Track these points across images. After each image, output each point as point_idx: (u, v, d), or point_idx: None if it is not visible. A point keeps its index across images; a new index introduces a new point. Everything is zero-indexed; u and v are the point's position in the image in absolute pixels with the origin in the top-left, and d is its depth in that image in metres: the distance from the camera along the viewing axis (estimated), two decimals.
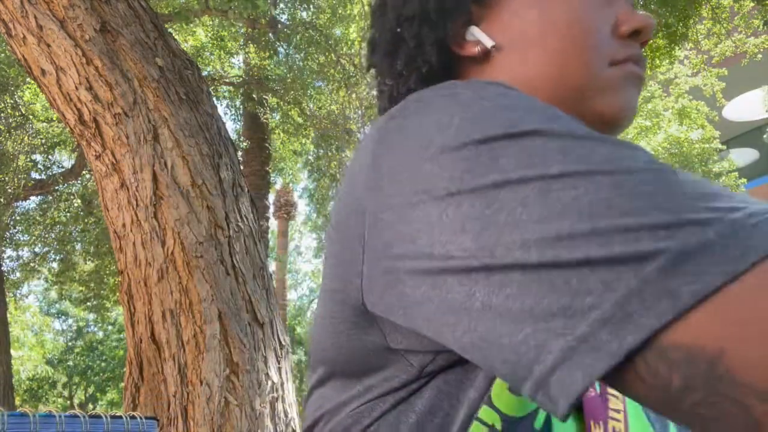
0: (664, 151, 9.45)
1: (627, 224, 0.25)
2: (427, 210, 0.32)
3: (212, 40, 7.53)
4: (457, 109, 0.34)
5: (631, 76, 0.47)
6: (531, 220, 0.28)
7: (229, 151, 2.54)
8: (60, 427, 1.23)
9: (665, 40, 5.40)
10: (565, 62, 0.46)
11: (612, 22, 0.48)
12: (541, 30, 0.47)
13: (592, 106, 0.47)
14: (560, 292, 0.26)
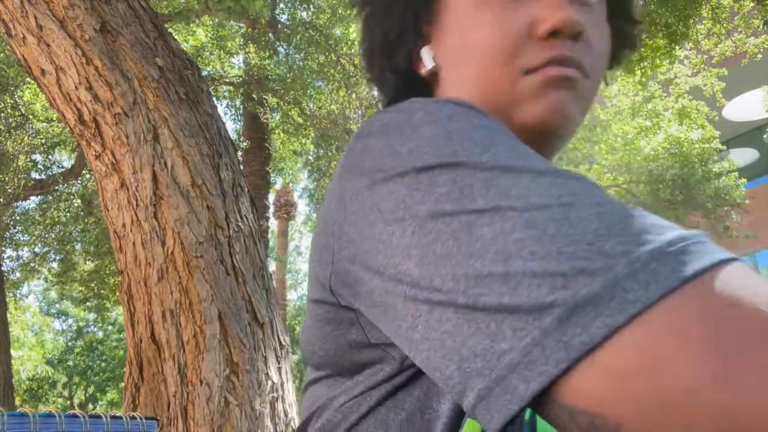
0: (664, 151, 9.45)
1: (533, 270, 0.28)
2: (380, 229, 0.35)
3: (212, 40, 7.53)
4: (406, 134, 0.37)
5: (553, 80, 0.45)
6: (460, 253, 0.30)
7: (229, 151, 2.54)
8: (60, 427, 1.23)
9: (665, 40, 5.40)
10: (481, 79, 0.47)
11: (529, 23, 0.46)
12: (463, 50, 0.48)
13: (514, 119, 0.46)
14: (482, 335, 0.28)
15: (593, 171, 10.21)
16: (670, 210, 9.38)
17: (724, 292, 0.24)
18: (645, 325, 0.24)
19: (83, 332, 19.45)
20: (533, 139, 0.45)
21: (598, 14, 0.49)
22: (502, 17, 0.46)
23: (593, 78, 0.48)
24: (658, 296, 0.25)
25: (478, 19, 0.47)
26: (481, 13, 0.47)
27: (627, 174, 9.96)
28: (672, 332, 0.24)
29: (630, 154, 9.81)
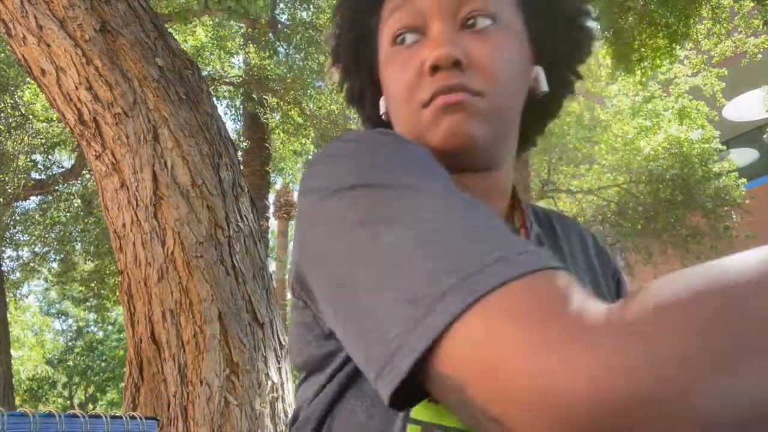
0: (664, 151, 9.45)
1: (417, 269, 0.36)
2: (321, 236, 0.44)
3: (212, 40, 7.53)
4: (343, 160, 0.47)
5: (443, 107, 0.53)
6: (371, 254, 0.39)
7: (229, 151, 2.54)
8: (60, 427, 1.23)
9: (665, 40, 5.40)
10: (399, 120, 0.57)
11: (420, 64, 0.54)
12: (389, 96, 0.59)
13: (427, 144, 0.54)
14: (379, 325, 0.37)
15: (593, 171, 10.21)
16: (670, 210, 9.38)
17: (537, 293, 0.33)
18: (482, 309, 0.33)
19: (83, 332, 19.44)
20: (446, 158, 0.54)
21: (496, 32, 0.55)
22: (403, 65, 0.56)
23: (493, 90, 0.54)
24: (490, 288, 0.33)
25: (390, 70, 0.58)
26: (392, 65, 0.58)
27: (627, 174, 9.96)
28: (501, 317, 0.32)
29: (630, 154, 9.81)
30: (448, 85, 0.53)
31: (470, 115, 0.53)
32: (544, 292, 0.32)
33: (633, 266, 11.01)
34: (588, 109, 10.92)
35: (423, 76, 0.54)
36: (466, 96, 0.53)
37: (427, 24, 0.55)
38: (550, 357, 0.29)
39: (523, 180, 8.53)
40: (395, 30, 0.56)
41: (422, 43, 0.55)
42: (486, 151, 0.56)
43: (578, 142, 10.29)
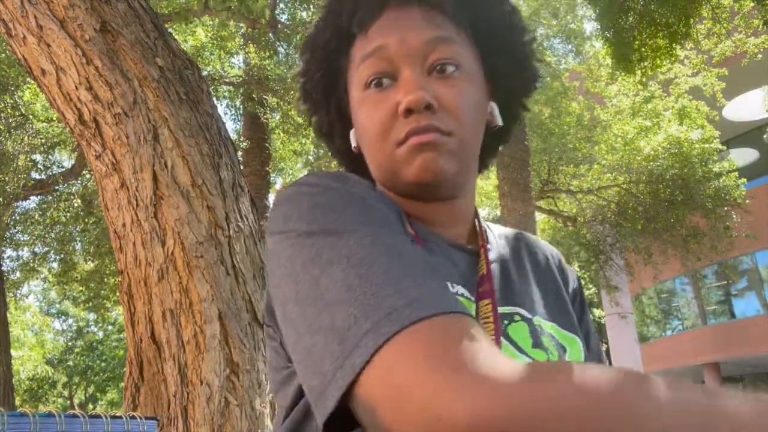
0: (664, 151, 9.44)
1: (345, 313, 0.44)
2: (277, 273, 0.52)
3: (212, 40, 7.52)
4: (294, 204, 0.55)
5: (416, 146, 0.59)
6: (310, 295, 0.47)
7: (229, 151, 2.54)
8: (60, 427, 1.23)
9: (665, 40, 5.40)
10: (373, 155, 0.63)
11: (394, 106, 0.60)
12: (361, 133, 0.65)
13: (399, 179, 0.61)
14: (316, 356, 0.44)
15: (593, 171, 10.20)
16: (670, 210, 9.38)
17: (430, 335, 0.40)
18: (388, 352, 0.40)
19: (83, 332, 19.43)
20: (417, 190, 0.62)
21: (460, 77, 0.62)
22: (376, 107, 0.61)
23: (459, 130, 0.60)
24: (398, 329, 0.40)
25: (363, 110, 0.63)
26: (365, 106, 0.62)
27: (627, 174, 9.95)
28: (404, 355, 0.39)
29: (630, 154, 9.81)
30: (420, 126, 0.59)
31: (440, 153, 0.59)
32: (444, 333, 0.40)
33: (633, 266, 11.01)
34: (588, 109, 10.92)
35: (397, 117, 0.59)
36: (437, 136, 0.59)
37: (398, 69, 0.61)
38: (443, 389, 0.36)
39: (523, 180, 8.53)
40: (368, 75, 0.61)
41: (394, 87, 0.61)
42: (453, 183, 0.63)
43: (578, 142, 10.29)
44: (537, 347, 0.60)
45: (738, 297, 15.48)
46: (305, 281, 0.48)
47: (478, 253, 0.66)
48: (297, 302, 0.48)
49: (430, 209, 0.65)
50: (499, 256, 0.68)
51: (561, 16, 12.05)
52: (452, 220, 0.67)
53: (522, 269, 0.70)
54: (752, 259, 14.67)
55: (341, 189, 0.56)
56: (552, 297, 0.69)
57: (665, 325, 17.67)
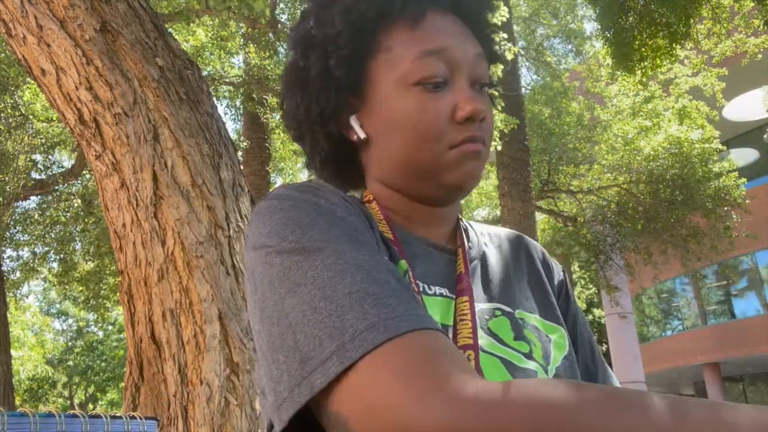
0: (664, 151, 9.44)
1: (308, 333, 0.46)
2: (249, 288, 0.54)
3: (212, 40, 7.52)
4: (266, 219, 0.55)
5: (469, 154, 0.62)
6: (275, 314, 0.49)
7: (229, 151, 2.54)
8: (60, 427, 1.23)
9: (665, 40, 5.39)
10: (415, 150, 0.62)
11: (450, 110, 0.61)
12: (396, 126, 0.63)
13: (439, 180, 0.63)
14: (276, 378, 0.47)
15: (593, 171, 10.20)
16: (670, 210, 9.38)
17: (397, 355, 0.42)
18: (354, 374, 0.42)
19: (83, 332, 19.43)
20: (447, 195, 0.65)
21: (486, 96, 0.66)
22: (427, 104, 0.61)
23: (489, 145, 0.65)
24: (363, 354, 0.42)
25: (405, 103, 0.62)
26: (406, 98, 0.62)
27: (627, 174, 9.95)
28: (372, 376, 0.42)
29: (630, 154, 9.80)
30: (477, 135, 0.62)
31: (482, 163, 0.64)
32: (409, 352, 0.42)
33: (633, 266, 11.01)
34: (588, 109, 10.92)
35: (451, 121, 0.61)
36: (483, 147, 0.63)
37: (453, 75, 0.62)
38: (410, 406, 0.39)
39: (523, 180, 8.53)
40: (427, 74, 0.61)
41: (449, 92, 0.62)
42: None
43: (578, 142, 10.28)
44: (519, 339, 0.62)
45: (738, 297, 15.48)
46: (271, 300, 0.49)
47: (455, 252, 0.68)
48: (262, 320, 0.50)
49: (424, 212, 0.67)
50: (480, 253, 0.70)
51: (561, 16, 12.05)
52: (439, 222, 0.69)
53: (503, 265, 0.72)
54: (752, 259, 14.68)
55: (310, 201, 0.56)
56: (535, 290, 0.71)
57: (665, 325, 17.67)
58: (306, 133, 0.69)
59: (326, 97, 0.65)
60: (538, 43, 12.14)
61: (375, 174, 0.69)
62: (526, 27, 12.10)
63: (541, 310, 0.69)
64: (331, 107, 0.65)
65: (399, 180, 0.66)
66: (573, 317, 0.74)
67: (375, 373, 0.42)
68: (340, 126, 0.67)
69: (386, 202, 0.67)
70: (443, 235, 0.69)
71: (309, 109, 0.67)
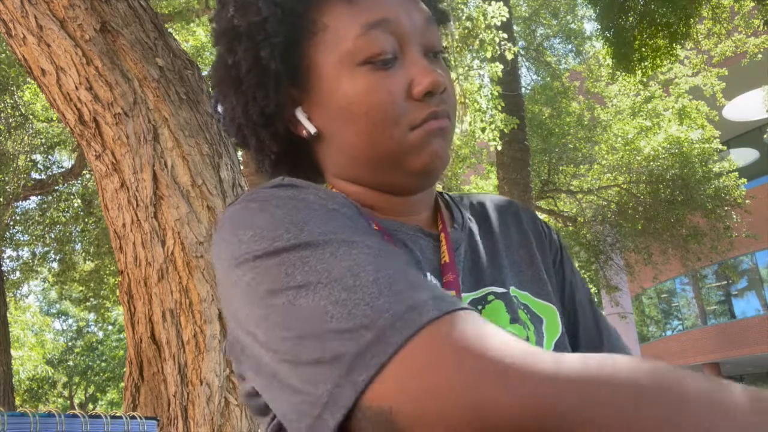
0: (664, 151, 9.44)
1: (333, 329, 0.39)
2: (241, 305, 0.46)
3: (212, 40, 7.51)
4: (246, 223, 0.48)
5: (433, 132, 0.55)
6: (287, 321, 0.42)
7: (229, 151, 2.54)
8: (60, 427, 1.23)
9: (665, 40, 5.39)
10: (372, 138, 0.55)
11: (405, 87, 0.54)
12: (348, 114, 0.55)
13: (404, 166, 0.56)
14: (305, 384, 0.40)
15: (593, 171, 10.20)
16: (670, 210, 9.37)
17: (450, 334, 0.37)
18: (401, 359, 0.37)
19: (83, 332, 19.43)
20: (415, 182, 0.58)
21: (442, 63, 0.59)
22: (378, 84, 0.54)
23: (454, 119, 0.59)
24: (408, 336, 0.37)
25: (353, 87, 0.54)
26: (354, 81, 0.54)
27: (627, 174, 9.95)
28: (420, 362, 0.37)
29: (630, 154, 9.80)
30: (440, 110, 0.56)
31: (448, 141, 0.58)
32: (462, 330, 0.38)
33: (633, 266, 11.01)
34: (588, 109, 10.92)
35: (409, 99, 0.54)
36: (448, 122, 0.57)
37: (402, 47, 0.56)
38: (483, 383, 0.35)
39: (522, 180, 8.53)
40: (373, 51, 0.54)
41: (401, 67, 0.55)
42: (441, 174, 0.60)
43: (578, 142, 10.28)
44: (515, 322, 0.58)
45: (738, 297, 15.48)
46: (276, 308, 0.42)
47: (438, 237, 0.61)
48: (268, 335, 0.43)
49: (396, 202, 0.61)
50: (466, 234, 0.64)
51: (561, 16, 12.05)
52: (416, 209, 0.62)
53: (492, 241, 0.66)
54: (752, 259, 14.68)
55: (297, 198, 0.50)
56: (525, 263, 0.66)
57: (665, 325, 17.67)
58: (249, 137, 0.61)
59: (264, 94, 0.57)
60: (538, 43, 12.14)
61: (333, 170, 0.61)
62: (526, 27, 12.10)
63: (533, 287, 0.64)
64: (271, 105, 0.57)
65: (360, 173, 0.59)
66: (571, 285, 0.69)
67: (429, 354, 0.37)
68: (286, 122, 0.60)
69: (355, 197, 0.59)
70: (424, 221, 0.62)
71: (247, 110, 0.58)
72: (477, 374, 0.35)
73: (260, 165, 0.64)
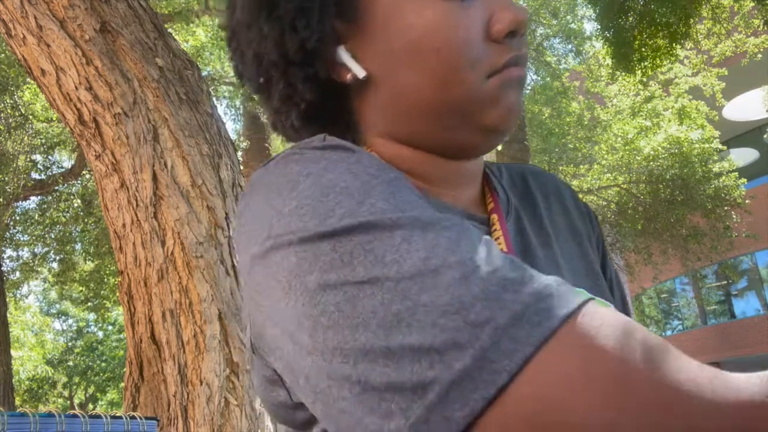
0: (664, 151, 9.44)
1: (412, 344, 0.30)
2: (279, 297, 0.36)
3: (212, 40, 7.53)
4: (286, 192, 0.37)
5: (511, 81, 0.46)
6: (345, 326, 0.32)
7: (229, 151, 2.54)
8: (60, 427, 1.23)
9: (665, 40, 5.40)
10: (441, 84, 0.45)
11: (483, 25, 0.45)
12: (412, 52, 0.45)
13: (475, 120, 0.46)
14: (374, 414, 0.30)
15: (593, 171, 10.20)
16: (670, 210, 9.38)
17: (578, 349, 0.28)
18: (513, 393, 0.28)
19: (83, 332, 19.42)
20: (486, 141, 0.48)
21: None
22: (455, 17, 0.44)
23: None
24: (522, 363, 0.28)
25: (423, 18, 0.44)
26: (423, 11, 0.44)
27: (627, 174, 9.95)
28: (538, 396, 0.28)
29: (630, 154, 9.80)
30: (522, 54, 0.46)
31: (522, 94, 0.49)
32: (584, 346, 0.29)
33: (633, 266, 11.01)
34: (588, 109, 10.92)
35: (485, 41, 0.45)
36: (526, 72, 0.48)
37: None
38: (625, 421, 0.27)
39: None
40: None
41: (479, 0, 0.45)
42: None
43: (578, 142, 10.29)
44: None
45: (738, 297, 15.48)
46: (322, 309, 0.33)
47: (487, 221, 0.51)
48: (315, 335, 0.33)
49: (448, 169, 0.50)
50: (513, 218, 0.53)
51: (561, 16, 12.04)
52: (468, 180, 0.52)
53: (539, 225, 0.55)
54: (752, 259, 14.67)
55: (349, 160, 0.39)
56: (576, 255, 0.56)
57: (665, 325, 17.67)
58: (276, 80, 0.48)
59: (306, 22, 0.45)
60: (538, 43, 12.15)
61: (380, 126, 0.50)
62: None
63: (588, 281, 0.54)
64: (314, 37, 0.45)
65: (417, 128, 0.48)
66: (609, 279, 0.60)
67: (544, 387, 0.28)
68: (326, 63, 0.48)
69: (399, 163, 0.48)
70: (472, 198, 0.52)
71: (282, 43, 0.46)
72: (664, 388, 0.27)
73: (283, 119, 0.51)
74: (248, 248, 0.39)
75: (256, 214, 0.39)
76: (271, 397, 0.45)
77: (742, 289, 15.31)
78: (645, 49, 5.51)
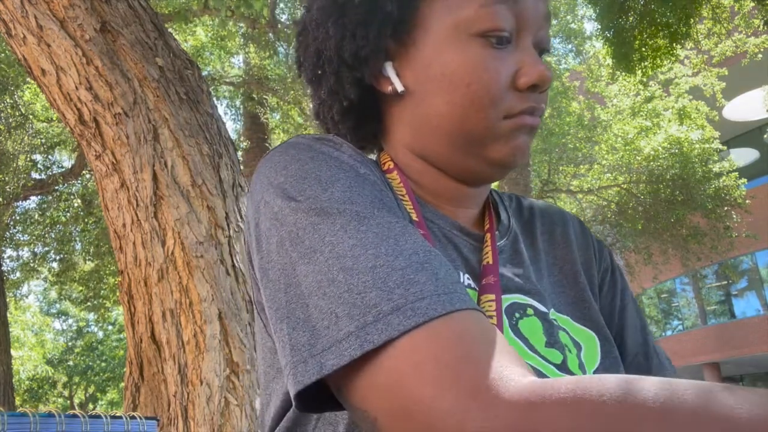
0: (664, 151, 9.44)
1: (323, 306, 0.39)
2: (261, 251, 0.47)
3: (212, 40, 7.53)
4: (279, 168, 0.48)
5: (523, 127, 0.53)
6: (288, 282, 0.42)
7: (229, 151, 2.54)
8: (60, 427, 1.23)
9: (665, 40, 5.40)
10: (464, 113, 0.52)
11: (512, 74, 0.52)
12: (446, 82, 0.52)
13: (484, 152, 0.54)
14: (288, 344, 0.40)
15: (593, 171, 10.20)
16: (670, 210, 9.38)
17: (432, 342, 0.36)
18: (374, 361, 0.36)
19: (83, 332, 19.43)
20: (491, 172, 0.56)
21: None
22: (489, 61, 0.52)
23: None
24: (386, 341, 0.36)
25: (462, 56, 0.52)
26: (464, 50, 0.52)
27: (627, 174, 9.95)
28: (398, 366, 0.36)
29: (630, 154, 9.80)
30: (536, 107, 0.54)
31: (531, 140, 0.56)
32: (438, 343, 0.36)
33: (633, 266, 11.01)
34: (588, 109, 10.92)
35: (510, 87, 0.52)
36: (539, 122, 0.55)
37: (519, 32, 0.53)
38: (441, 409, 0.33)
39: (523, 180, 8.53)
40: (491, 26, 0.51)
41: (512, 51, 0.53)
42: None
43: (578, 142, 10.29)
44: (552, 346, 0.53)
45: (738, 297, 15.48)
46: (279, 263, 0.43)
47: (482, 238, 0.58)
48: (265, 282, 0.44)
49: (455, 190, 0.58)
50: (511, 236, 0.61)
51: (561, 16, 12.04)
52: (470, 203, 0.60)
53: (535, 249, 0.62)
54: (752, 259, 14.68)
55: (331, 155, 0.49)
56: (569, 283, 0.62)
57: (665, 325, 17.67)
58: (328, 75, 0.57)
59: (365, 33, 0.54)
60: None
61: (403, 137, 0.58)
62: None
63: (574, 309, 0.60)
64: (369, 47, 0.54)
65: (434, 148, 0.56)
66: (622, 304, 0.66)
67: (400, 364, 0.35)
68: (373, 71, 0.56)
69: (411, 173, 0.58)
70: (471, 217, 0.60)
71: (342, 45, 0.55)
72: (438, 398, 0.34)
73: (325, 110, 0.61)
74: (253, 196, 0.50)
75: (259, 180, 0.50)
76: (273, 369, 0.53)
77: (742, 289, 15.31)
78: (645, 49, 5.51)
